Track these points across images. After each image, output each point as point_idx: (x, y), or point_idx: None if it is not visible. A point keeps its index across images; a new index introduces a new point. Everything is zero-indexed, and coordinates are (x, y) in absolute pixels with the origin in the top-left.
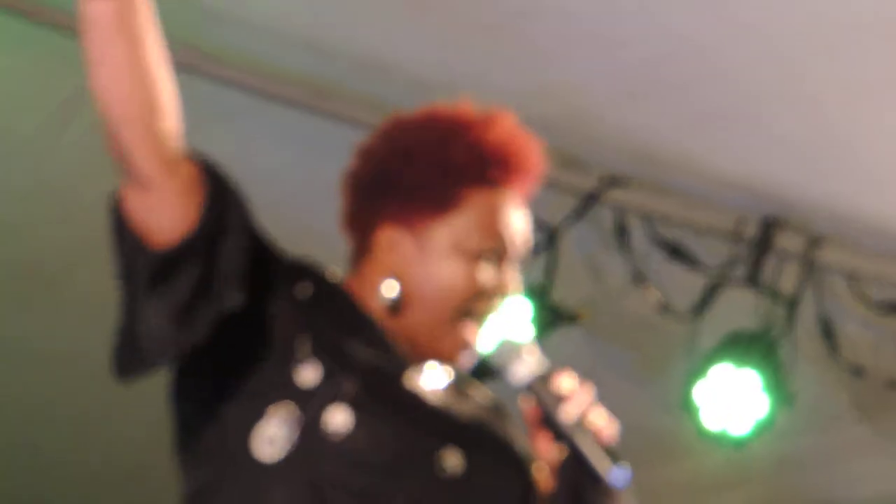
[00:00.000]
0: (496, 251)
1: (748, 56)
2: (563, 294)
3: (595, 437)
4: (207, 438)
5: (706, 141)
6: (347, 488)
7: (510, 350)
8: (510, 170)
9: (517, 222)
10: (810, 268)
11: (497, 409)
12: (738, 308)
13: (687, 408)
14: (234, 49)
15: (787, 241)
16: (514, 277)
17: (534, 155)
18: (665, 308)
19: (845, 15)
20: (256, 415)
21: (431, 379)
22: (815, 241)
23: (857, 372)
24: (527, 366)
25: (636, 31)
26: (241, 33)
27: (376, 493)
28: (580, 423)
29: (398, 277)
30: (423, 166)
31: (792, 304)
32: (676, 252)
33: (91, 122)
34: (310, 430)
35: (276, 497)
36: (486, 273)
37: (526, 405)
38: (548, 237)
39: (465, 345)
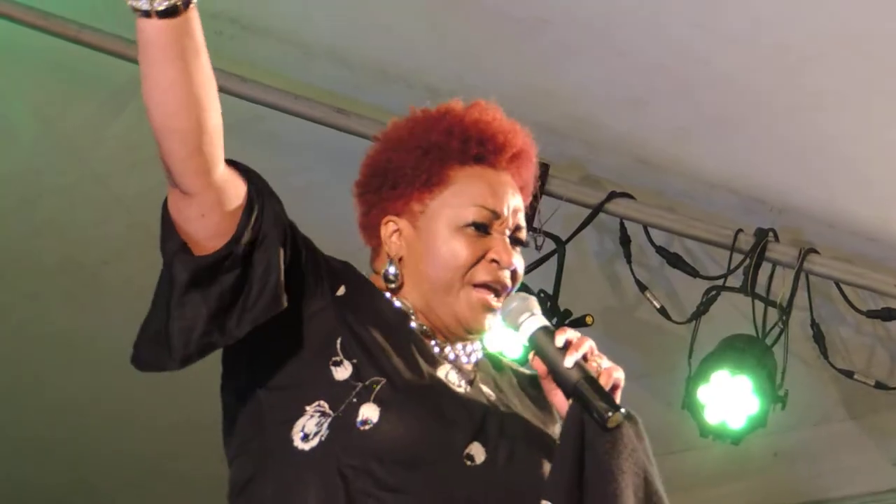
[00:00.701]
0: (486, 222)
1: (744, 65)
2: (569, 299)
3: (597, 382)
4: (248, 429)
5: (703, 146)
6: (374, 478)
7: (519, 308)
8: (492, 146)
9: (506, 196)
10: (803, 276)
11: (520, 388)
12: (735, 313)
13: (689, 406)
14: (257, 60)
15: (781, 252)
16: (507, 247)
17: (516, 134)
18: (665, 313)
19: (839, 26)
20: (296, 410)
21: (456, 370)
22: (807, 252)
23: (847, 374)
24: (532, 321)
25: (636, 40)
26: (265, 43)
27: (403, 482)
28: (582, 369)
29: (401, 260)
30: (405, 151)
31: (785, 310)
32: (677, 261)
33: (133, 119)
34: (341, 424)
35: (309, 483)
36: (480, 242)
37: (536, 362)
38: (555, 246)
39: (483, 308)
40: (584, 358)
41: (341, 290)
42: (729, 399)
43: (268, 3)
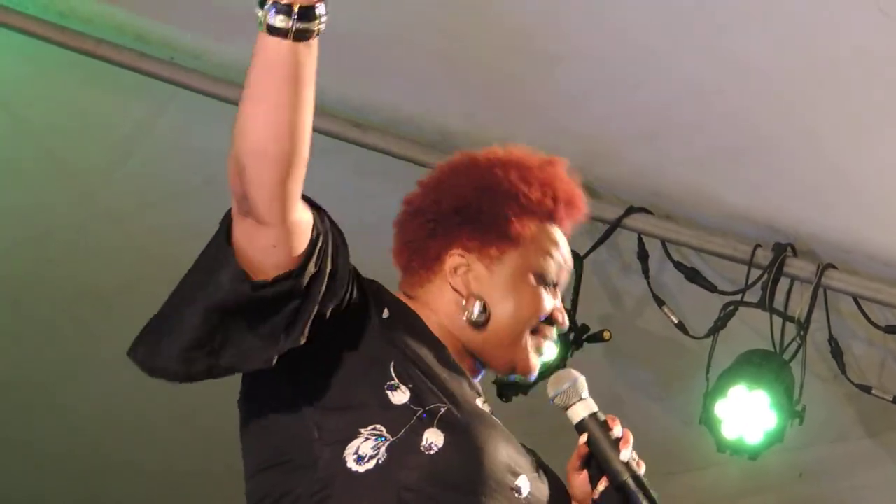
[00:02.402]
0: (554, 279)
1: (753, 97)
2: (587, 314)
3: (642, 481)
4: (286, 444)
5: (716, 177)
6: (434, 501)
7: (571, 390)
8: (569, 208)
9: (569, 256)
10: (821, 292)
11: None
12: (752, 328)
13: (707, 422)
14: None
15: (799, 267)
16: (563, 311)
17: (582, 197)
18: (683, 328)
19: (843, 54)
20: (350, 431)
21: (483, 399)
22: (825, 267)
23: (865, 389)
24: (582, 406)
25: (649, 75)
26: None
27: None
28: (629, 465)
29: (479, 298)
30: (502, 201)
31: (803, 325)
32: (694, 276)
33: (147, 155)
34: (402, 448)
35: None
36: (547, 298)
37: (583, 446)
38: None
39: (535, 358)
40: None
41: (385, 313)
42: (746, 414)
43: None
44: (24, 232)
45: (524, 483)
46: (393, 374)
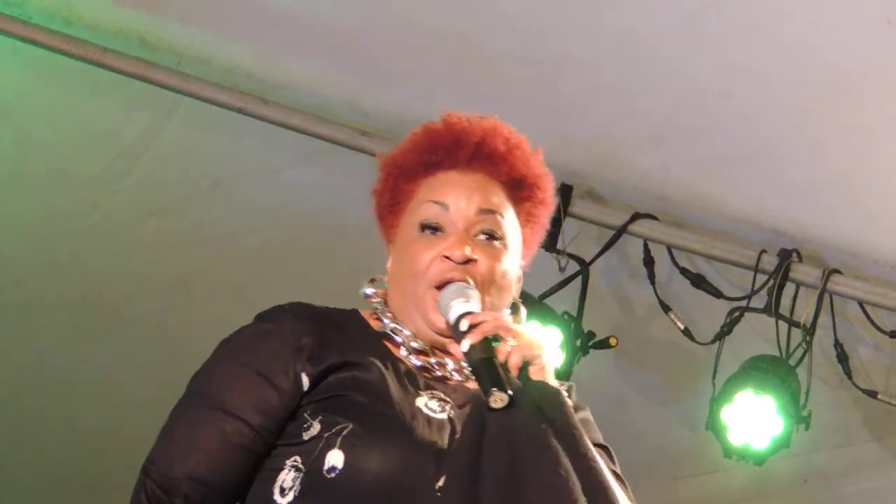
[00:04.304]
0: (437, 221)
1: (759, 103)
2: (593, 321)
3: (492, 363)
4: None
5: (721, 182)
6: None
7: (453, 293)
8: (444, 149)
9: (460, 190)
10: (826, 297)
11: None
12: (757, 334)
13: (713, 427)
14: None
15: (805, 272)
16: (461, 241)
17: (472, 131)
18: (690, 334)
19: (848, 61)
20: (280, 462)
21: (439, 397)
22: (830, 272)
23: (871, 394)
24: (458, 307)
25: (654, 81)
26: (282, 95)
27: None
28: (485, 350)
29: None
30: (392, 178)
31: (809, 331)
32: (700, 282)
33: (153, 162)
34: (311, 476)
35: None
36: (436, 243)
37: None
38: (579, 267)
39: (434, 308)
40: (495, 338)
41: (312, 340)
42: (753, 420)
43: (280, 58)
44: (30, 239)
45: (445, 481)
46: (307, 417)
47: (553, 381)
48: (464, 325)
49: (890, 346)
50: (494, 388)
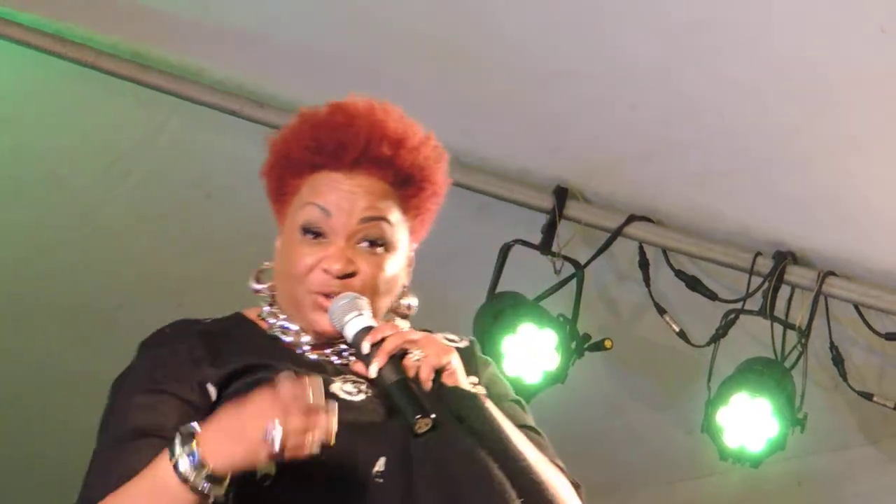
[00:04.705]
0: (317, 225)
1: (750, 116)
2: (588, 323)
3: (406, 384)
4: None
5: (714, 195)
6: None
7: (346, 307)
8: (329, 150)
9: (342, 194)
10: (822, 299)
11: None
12: (753, 336)
13: (709, 430)
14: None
15: (800, 275)
16: (341, 254)
17: (358, 133)
18: (685, 337)
19: (838, 75)
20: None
21: (352, 379)
22: (825, 274)
23: (866, 396)
24: (357, 322)
25: (646, 94)
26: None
27: None
28: (394, 370)
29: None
30: (276, 168)
31: (804, 333)
32: (695, 284)
33: (148, 170)
34: (245, 484)
35: None
36: (319, 249)
37: (358, 365)
38: (574, 270)
39: (319, 310)
40: (402, 354)
41: (202, 352)
42: (748, 422)
43: (269, 73)
44: (23, 248)
45: (383, 464)
46: None
47: (466, 384)
48: (366, 348)
49: (885, 348)
50: (418, 416)
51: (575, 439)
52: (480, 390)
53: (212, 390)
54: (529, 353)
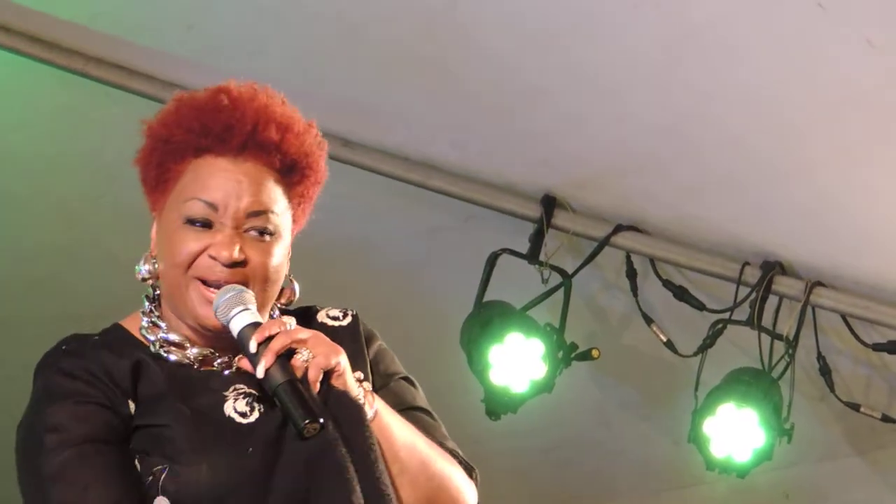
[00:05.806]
0: (204, 217)
1: (742, 126)
2: (576, 333)
3: (296, 386)
4: None
5: (700, 206)
6: None
7: (231, 301)
8: (215, 135)
9: (230, 186)
10: (809, 309)
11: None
12: (740, 347)
13: (696, 440)
14: None
15: (788, 285)
16: (229, 241)
17: (244, 118)
18: (672, 347)
19: (839, 85)
20: None
21: (244, 394)
22: (813, 285)
23: (853, 407)
24: (242, 317)
25: (632, 107)
26: None
27: None
28: (282, 370)
29: (154, 259)
30: (156, 152)
31: (792, 343)
32: (682, 294)
33: (126, 185)
34: None
35: None
36: (203, 237)
37: (243, 361)
38: (561, 280)
39: (204, 301)
40: (290, 353)
41: (131, 405)
42: (735, 432)
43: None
44: (10, 257)
45: (281, 480)
46: (137, 466)
47: (353, 387)
48: (252, 347)
49: (872, 359)
50: (307, 421)
51: (562, 448)
52: (367, 386)
53: (131, 405)
54: (517, 362)
